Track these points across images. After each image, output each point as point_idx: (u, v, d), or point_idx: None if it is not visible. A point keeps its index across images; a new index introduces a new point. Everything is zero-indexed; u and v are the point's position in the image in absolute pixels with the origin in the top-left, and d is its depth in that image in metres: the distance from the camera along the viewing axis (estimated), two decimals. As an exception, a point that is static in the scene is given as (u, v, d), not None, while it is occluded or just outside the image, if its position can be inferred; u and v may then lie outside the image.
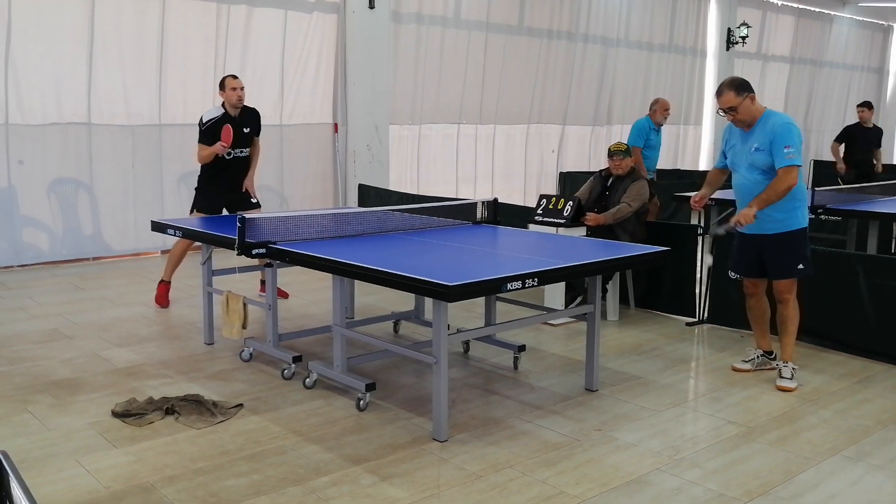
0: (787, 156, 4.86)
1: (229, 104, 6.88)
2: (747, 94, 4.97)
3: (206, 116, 6.88)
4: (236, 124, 6.87)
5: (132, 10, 9.10)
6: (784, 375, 5.16)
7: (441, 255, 4.85)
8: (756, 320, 5.50)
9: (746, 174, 5.11)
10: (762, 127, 5.00)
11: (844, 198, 8.12)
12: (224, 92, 6.91)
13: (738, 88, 4.97)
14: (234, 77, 6.96)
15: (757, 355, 5.48)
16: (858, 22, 19.91)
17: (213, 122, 6.80)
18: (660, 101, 9.33)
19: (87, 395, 4.89)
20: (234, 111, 6.91)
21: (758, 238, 5.14)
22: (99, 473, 3.85)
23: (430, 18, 11.83)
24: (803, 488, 3.80)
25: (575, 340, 6.10)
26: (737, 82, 5.01)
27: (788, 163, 4.86)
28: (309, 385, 5.03)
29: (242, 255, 4.95)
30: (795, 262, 5.07)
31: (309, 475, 3.86)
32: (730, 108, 5.00)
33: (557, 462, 4.04)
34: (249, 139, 7.07)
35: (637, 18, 14.68)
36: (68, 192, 9.02)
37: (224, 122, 6.78)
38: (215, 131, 6.76)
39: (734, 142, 5.22)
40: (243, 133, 6.97)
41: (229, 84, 6.87)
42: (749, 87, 5.01)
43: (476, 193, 12.68)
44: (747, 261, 5.29)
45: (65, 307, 7.07)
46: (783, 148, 4.86)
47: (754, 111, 5.01)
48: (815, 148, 19.11)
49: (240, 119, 6.95)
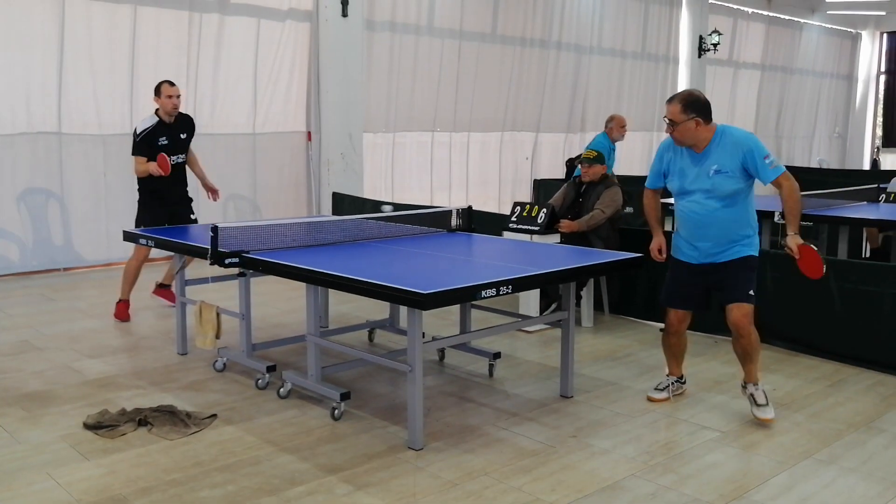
0: (771, 165, 4.42)
1: (164, 111, 6.69)
2: (694, 117, 4.44)
3: (139, 127, 6.69)
4: (173, 131, 6.74)
5: (103, 18, 9.04)
6: (760, 402, 4.64)
7: (415, 263, 4.85)
8: (674, 354, 5.08)
9: (702, 200, 4.57)
10: (719, 146, 4.49)
11: (815, 203, 8.21)
12: (160, 98, 6.69)
13: (687, 106, 4.45)
14: (171, 84, 6.74)
15: (671, 382, 5.11)
16: (828, 30, 20.18)
17: (147, 133, 6.63)
18: (615, 117, 9.00)
19: (58, 408, 4.83)
20: (169, 118, 6.73)
21: (706, 267, 4.67)
22: (71, 486, 3.81)
23: (404, 27, 11.85)
24: (777, 491, 3.82)
25: (550, 347, 6.11)
26: (689, 100, 4.48)
27: (779, 171, 4.43)
28: (283, 395, 5.00)
29: (216, 264, 4.92)
30: (749, 287, 4.57)
31: (284, 485, 3.84)
32: (671, 121, 4.51)
33: (533, 469, 4.04)
34: (186, 145, 6.92)
35: (610, 26, 14.79)
36: (38, 202, 8.92)
37: (159, 132, 6.62)
38: (151, 142, 6.60)
39: (681, 164, 4.64)
40: (180, 139, 6.83)
41: (165, 91, 6.66)
42: (702, 110, 4.47)
43: (450, 201, 12.68)
44: (689, 292, 4.80)
45: (35, 318, 6.98)
46: (762, 160, 4.41)
47: (696, 135, 4.48)
48: (787, 154, 19.34)
49: (175, 125, 6.79)
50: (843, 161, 21.41)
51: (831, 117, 21.10)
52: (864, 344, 5.66)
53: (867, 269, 5.73)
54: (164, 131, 6.71)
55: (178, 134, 6.82)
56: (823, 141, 20.90)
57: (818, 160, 20.16)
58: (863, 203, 8.74)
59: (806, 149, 20.27)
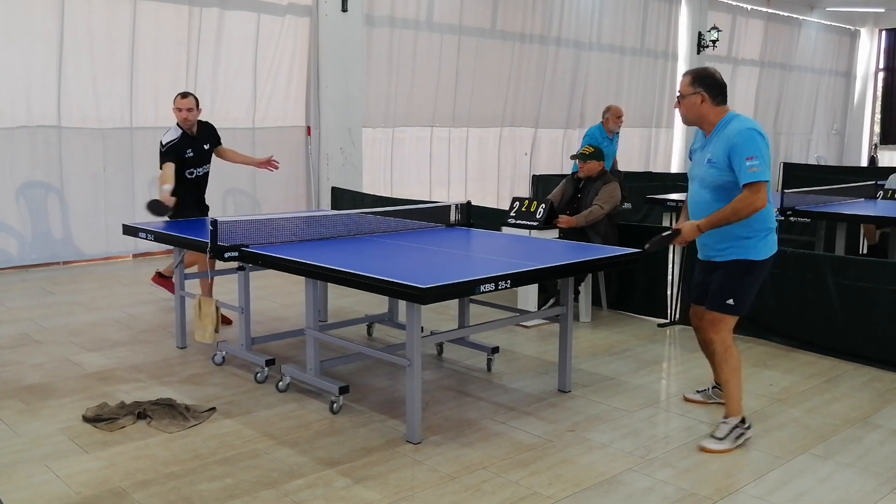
0: (749, 169, 3.96)
1: (181, 123, 6.49)
2: (700, 92, 4.17)
3: (164, 139, 6.44)
4: (196, 142, 6.54)
5: (103, 13, 9.03)
6: (715, 434, 4.26)
7: (414, 258, 4.86)
8: (706, 355, 4.73)
9: (698, 190, 4.30)
10: (719, 135, 4.17)
11: (813, 199, 8.23)
12: (176, 111, 6.52)
13: (696, 79, 4.20)
14: (183, 96, 6.50)
15: (709, 387, 4.95)
16: (826, 26, 20.17)
17: (172, 145, 6.39)
18: (612, 108, 8.94)
19: (57, 401, 4.85)
20: (190, 131, 6.52)
21: (708, 264, 4.40)
22: (70, 479, 3.82)
23: (403, 22, 11.84)
24: (773, 486, 3.84)
25: (548, 342, 6.13)
26: (701, 74, 4.23)
27: (752, 178, 3.97)
28: (282, 388, 5.02)
29: (215, 258, 4.93)
30: (727, 296, 4.23)
31: (282, 478, 3.86)
32: (680, 93, 4.26)
33: (531, 463, 4.06)
34: (209, 155, 6.71)
35: (609, 22, 14.79)
36: (38, 195, 8.92)
37: (184, 144, 6.41)
38: (178, 153, 6.38)
39: (696, 146, 4.41)
40: (204, 150, 6.62)
41: (176, 104, 6.47)
42: (712, 87, 4.18)
43: (449, 196, 12.70)
44: (696, 282, 4.56)
45: (35, 312, 6.99)
46: (744, 160, 3.98)
47: (701, 113, 4.22)
48: (785, 150, 19.35)
49: (198, 136, 6.58)
50: (841, 158, 21.41)
51: (829, 114, 21.10)
52: (860, 340, 5.68)
53: (864, 265, 5.74)
54: (189, 143, 6.47)
55: (201, 145, 6.60)
56: (821, 138, 20.90)
57: (816, 157, 20.18)
58: (860, 200, 8.76)
59: (804, 145, 20.28)
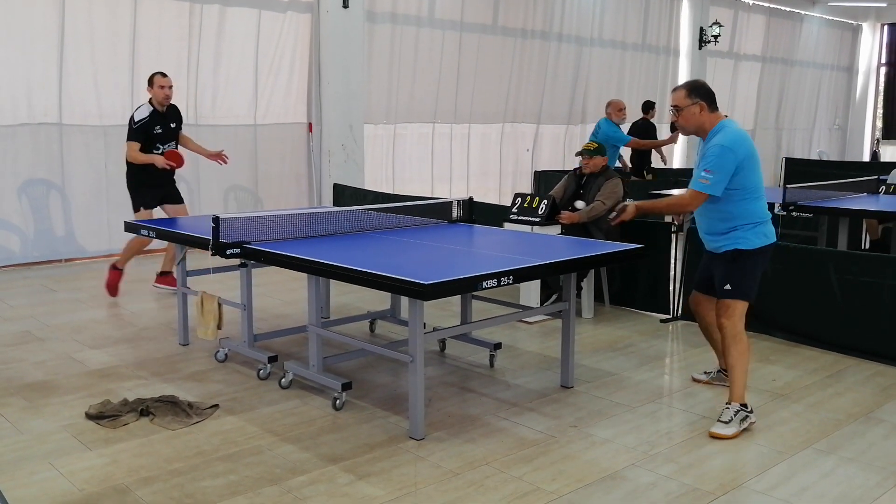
0: (701, 179, 4.35)
1: (156, 101, 7.10)
2: (698, 101, 4.43)
3: (136, 116, 7.06)
4: (165, 120, 7.13)
5: (104, 9, 9.02)
6: (721, 419, 4.44)
7: (417, 254, 4.85)
8: (708, 340, 5.10)
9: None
10: (711, 141, 4.45)
11: (815, 195, 8.22)
12: (152, 89, 7.11)
13: (691, 90, 4.47)
14: (164, 75, 7.13)
15: (715, 370, 5.21)
16: (828, 21, 20.13)
17: (143, 122, 7.00)
18: (612, 102, 9.36)
19: (60, 398, 4.85)
20: (162, 108, 7.12)
21: (713, 256, 4.67)
22: (73, 476, 3.82)
23: (405, 18, 11.83)
24: (776, 481, 3.84)
25: (550, 338, 6.12)
26: (694, 85, 4.53)
27: (698, 187, 4.37)
28: (285, 385, 5.02)
29: (217, 255, 4.93)
30: (723, 282, 4.52)
31: (285, 475, 3.86)
32: (675, 106, 4.51)
33: (533, 458, 4.06)
34: (176, 133, 7.32)
35: (610, 18, 14.76)
36: (39, 192, 8.92)
37: (154, 121, 7.01)
38: (147, 130, 7.00)
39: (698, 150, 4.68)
40: (171, 128, 7.23)
41: (158, 82, 7.08)
42: (706, 95, 4.46)
43: (451, 192, 12.68)
44: (703, 276, 4.83)
45: (37, 309, 6.99)
46: (702, 170, 4.35)
47: (700, 122, 4.47)
48: (787, 146, 19.32)
49: (167, 115, 7.19)
50: (844, 153, 21.39)
51: (831, 109, 21.07)
52: (863, 335, 5.67)
53: (867, 260, 5.74)
54: (159, 121, 7.08)
55: (169, 123, 7.21)
56: (824, 133, 20.87)
57: (818, 152, 20.15)
58: (863, 195, 8.75)
59: (806, 140, 20.25)
